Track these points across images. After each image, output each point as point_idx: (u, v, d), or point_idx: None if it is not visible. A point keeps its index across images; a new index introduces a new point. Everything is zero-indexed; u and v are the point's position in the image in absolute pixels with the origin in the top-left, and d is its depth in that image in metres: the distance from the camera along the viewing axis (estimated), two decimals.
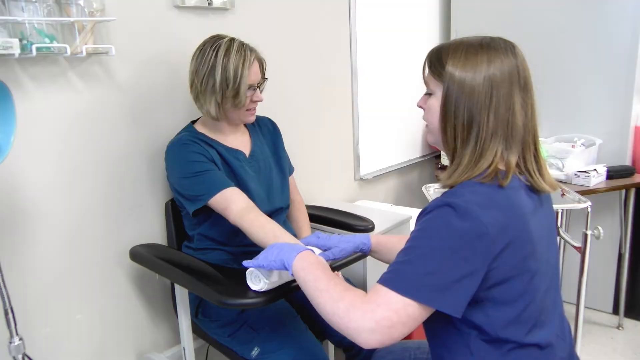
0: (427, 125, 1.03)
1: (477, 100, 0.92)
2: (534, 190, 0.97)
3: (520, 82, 0.95)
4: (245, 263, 1.13)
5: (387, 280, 0.87)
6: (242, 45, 1.41)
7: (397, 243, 1.23)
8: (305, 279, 0.98)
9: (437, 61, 0.97)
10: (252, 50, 1.42)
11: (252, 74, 1.40)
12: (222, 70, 1.37)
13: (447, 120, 0.96)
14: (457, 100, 0.94)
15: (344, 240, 1.23)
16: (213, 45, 1.39)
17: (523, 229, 0.89)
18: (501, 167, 0.93)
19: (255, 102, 1.46)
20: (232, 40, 1.40)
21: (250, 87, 1.42)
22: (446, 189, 0.96)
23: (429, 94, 1.01)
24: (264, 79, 1.48)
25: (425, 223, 0.89)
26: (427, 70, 1.01)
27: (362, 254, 1.29)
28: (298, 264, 1.02)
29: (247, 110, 1.45)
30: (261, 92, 1.48)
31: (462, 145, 0.95)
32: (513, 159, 0.94)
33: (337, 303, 0.89)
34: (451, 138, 0.96)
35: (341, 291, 0.91)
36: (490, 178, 0.91)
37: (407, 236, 1.23)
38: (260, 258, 1.10)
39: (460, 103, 0.94)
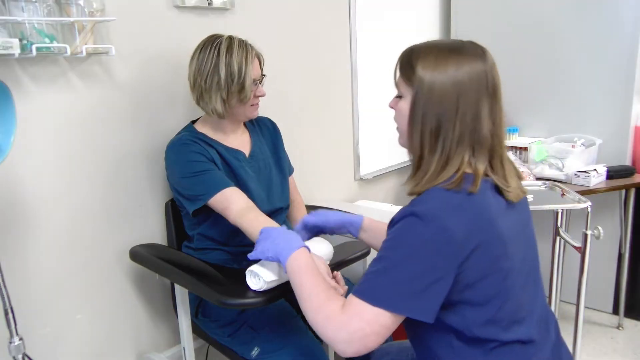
0: (397, 127, 1.03)
1: (445, 107, 0.92)
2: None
3: (488, 89, 0.93)
4: (250, 255, 1.13)
5: (358, 291, 0.90)
6: (242, 41, 1.42)
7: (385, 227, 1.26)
8: (295, 282, 1.01)
9: (407, 64, 0.97)
10: (252, 46, 1.44)
11: (254, 69, 1.42)
12: (226, 66, 1.37)
13: (414, 126, 0.96)
14: (426, 106, 0.93)
15: (337, 214, 1.28)
16: (214, 44, 1.39)
17: (492, 231, 0.89)
18: (468, 170, 0.93)
19: (258, 96, 1.47)
20: (231, 37, 1.41)
21: (254, 81, 1.43)
22: (413, 196, 0.96)
23: (399, 97, 1.00)
24: (263, 75, 1.49)
25: (393, 233, 0.90)
26: (398, 73, 1.00)
27: (363, 252, 1.30)
28: (291, 264, 1.03)
29: (251, 105, 1.46)
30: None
31: (429, 152, 0.94)
32: (481, 167, 0.93)
33: (318, 313, 0.93)
34: (417, 144, 0.96)
35: (323, 300, 0.94)
36: (457, 184, 0.91)
37: None
38: (258, 250, 1.11)
39: (429, 109, 0.93)
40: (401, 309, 0.87)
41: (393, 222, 0.92)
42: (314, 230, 1.32)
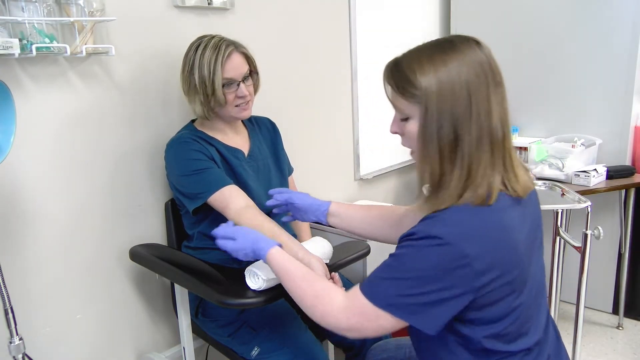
0: (412, 152, 0.95)
1: (459, 111, 0.85)
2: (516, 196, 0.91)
3: (495, 78, 0.87)
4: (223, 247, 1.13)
5: (366, 291, 0.90)
6: (220, 40, 1.38)
7: (357, 211, 1.28)
8: (282, 278, 1.04)
9: (404, 81, 0.88)
10: (230, 44, 1.38)
11: (229, 70, 1.37)
12: (198, 69, 1.36)
13: (429, 144, 0.88)
14: (440, 117, 0.85)
15: (303, 197, 1.29)
16: (195, 44, 1.40)
17: (512, 255, 0.86)
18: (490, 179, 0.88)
19: (242, 97, 1.42)
20: (211, 38, 1.39)
21: (230, 82, 1.38)
22: (431, 212, 0.90)
23: (404, 119, 0.92)
24: (253, 73, 1.45)
25: (408, 248, 0.87)
26: (391, 93, 0.92)
27: (363, 252, 1.30)
28: (270, 260, 1.06)
29: (236, 106, 1.42)
30: (256, 86, 1.48)
31: (450, 166, 0.88)
32: (498, 177, 0.87)
33: (312, 309, 0.95)
34: (437, 161, 0.88)
35: (312, 299, 0.96)
36: (482, 199, 0.85)
37: (366, 205, 1.27)
38: (231, 248, 1.11)
39: (444, 120, 0.85)
40: (404, 317, 0.86)
41: (409, 236, 0.87)
42: (282, 210, 1.34)
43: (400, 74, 0.89)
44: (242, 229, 1.14)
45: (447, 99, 0.85)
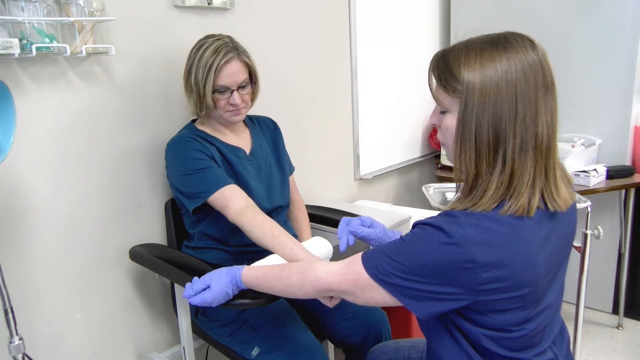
0: (444, 145, 0.92)
1: (502, 111, 0.81)
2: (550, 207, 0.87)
3: (545, 82, 0.84)
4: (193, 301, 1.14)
5: (366, 260, 0.90)
6: (222, 45, 1.36)
7: None
8: (262, 286, 1.07)
9: (448, 73, 0.85)
10: (231, 50, 1.37)
11: (224, 77, 1.36)
12: (195, 71, 1.37)
13: (465, 141, 0.84)
14: (479, 115, 0.82)
15: (380, 230, 1.22)
16: (199, 43, 1.39)
17: (526, 274, 0.83)
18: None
19: (234, 105, 1.40)
20: (216, 40, 1.38)
21: (223, 89, 1.38)
22: (452, 209, 0.87)
23: (443, 112, 0.89)
24: (250, 82, 1.44)
25: (419, 237, 0.85)
26: (435, 84, 0.89)
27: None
28: (247, 275, 1.10)
29: (226, 111, 1.42)
30: (254, 94, 1.47)
31: (488, 168, 0.84)
32: (539, 184, 0.84)
33: (304, 287, 0.99)
34: (472, 161, 0.84)
35: (299, 277, 1.00)
36: (523, 209, 0.82)
37: None
38: (209, 295, 1.11)
39: (483, 118, 0.82)
40: (396, 295, 0.87)
41: (422, 222, 0.86)
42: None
43: (445, 66, 0.86)
44: (208, 274, 1.14)
45: (490, 96, 0.81)
